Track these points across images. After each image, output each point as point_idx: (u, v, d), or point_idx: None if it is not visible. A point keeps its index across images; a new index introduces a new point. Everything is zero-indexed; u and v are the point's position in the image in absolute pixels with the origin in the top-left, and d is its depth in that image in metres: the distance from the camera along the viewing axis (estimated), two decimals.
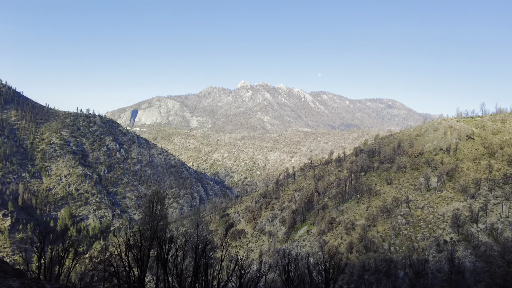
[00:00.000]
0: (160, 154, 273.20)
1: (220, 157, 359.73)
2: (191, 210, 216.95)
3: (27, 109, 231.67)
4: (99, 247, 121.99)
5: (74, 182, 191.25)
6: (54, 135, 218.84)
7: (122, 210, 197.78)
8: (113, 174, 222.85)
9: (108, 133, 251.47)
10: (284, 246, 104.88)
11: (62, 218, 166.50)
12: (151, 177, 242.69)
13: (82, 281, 38.83)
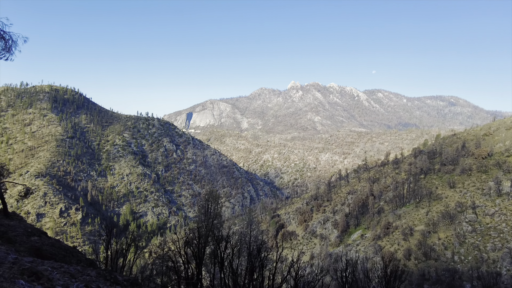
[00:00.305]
0: (213, 155, 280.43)
1: (270, 158, 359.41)
2: (242, 209, 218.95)
3: (94, 113, 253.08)
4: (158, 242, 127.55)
5: (134, 181, 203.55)
6: (117, 137, 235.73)
7: (178, 208, 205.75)
8: (170, 174, 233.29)
9: (165, 134, 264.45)
10: (336, 250, 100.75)
11: (124, 214, 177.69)
12: (204, 176, 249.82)
13: (143, 274, 39.81)
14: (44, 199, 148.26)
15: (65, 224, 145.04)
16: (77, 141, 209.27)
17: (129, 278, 11.47)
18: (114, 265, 35.76)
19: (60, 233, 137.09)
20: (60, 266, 10.35)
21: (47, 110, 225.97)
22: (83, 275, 10.00)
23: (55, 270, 9.45)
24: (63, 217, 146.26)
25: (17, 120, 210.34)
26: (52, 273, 8.89)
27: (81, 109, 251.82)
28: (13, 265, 8.30)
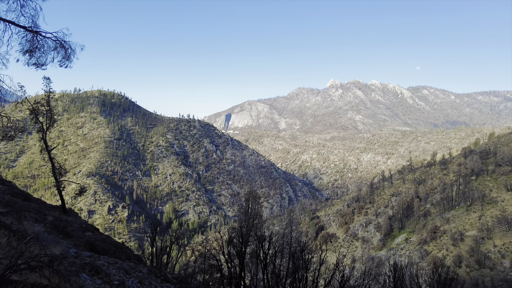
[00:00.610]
0: (251, 155, 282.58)
1: (309, 158, 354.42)
2: (281, 210, 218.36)
3: (139, 116, 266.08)
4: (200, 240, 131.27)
5: (177, 180, 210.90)
6: (161, 138, 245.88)
7: (218, 207, 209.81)
8: (210, 173, 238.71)
9: (205, 135, 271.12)
10: (379, 254, 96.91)
11: (167, 212, 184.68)
12: (243, 176, 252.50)
13: (186, 271, 40.89)
14: (94, 197, 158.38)
15: (113, 221, 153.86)
16: (123, 143, 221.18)
17: (178, 276, 11.75)
18: (159, 261, 37.18)
19: (109, 229, 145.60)
20: (114, 262, 10.82)
21: (97, 114, 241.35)
22: (136, 271, 10.39)
23: (111, 266, 9.89)
24: (111, 214, 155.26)
25: (71, 123, 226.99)
26: (109, 268, 9.30)
27: (127, 112, 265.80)
28: (75, 259, 8.79)
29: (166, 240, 39.68)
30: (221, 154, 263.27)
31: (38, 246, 6.65)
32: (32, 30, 14.49)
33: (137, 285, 8.36)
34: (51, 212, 27.80)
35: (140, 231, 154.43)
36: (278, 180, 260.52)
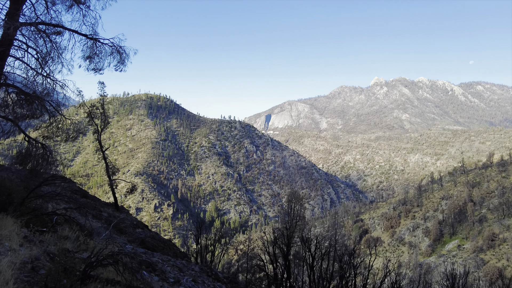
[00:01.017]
0: (291, 156, 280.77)
1: (352, 159, 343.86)
2: (322, 212, 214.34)
3: (184, 118, 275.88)
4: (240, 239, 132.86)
5: (219, 180, 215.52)
6: (204, 139, 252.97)
7: (258, 207, 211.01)
8: (251, 174, 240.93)
9: (246, 136, 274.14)
10: (428, 260, 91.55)
11: (209, 211, 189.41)
12: (283, 177, 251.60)
13: (229, 270, 41.51)
14: (142, 195, 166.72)
15: (159, 218, 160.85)
16: (169, 143, 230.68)
17: (229, 275, 11.81)
18: (204, 259, 38.02)
19: (155, 226, 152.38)
20: (168, 259, 11.10)
21: (144, 116, 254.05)
22: (189, 269, 10.60)
23: (165, 263, 10.16)
24: (157, 212, 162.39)
25: (121, 126, 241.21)
26: (163, 265, 9.55)
27: (172, 114, 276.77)
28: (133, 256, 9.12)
29: (210, 238, 40.60)
30: (261, 155, 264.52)
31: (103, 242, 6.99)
32: (92, 38, 15.47)
33: (191, 283, 8.49)
34: (105, 208, 29.57)
35: (184, 229, 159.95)
36: (319, 182, 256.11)
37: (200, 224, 40.78)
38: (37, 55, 13.00)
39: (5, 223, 5.44)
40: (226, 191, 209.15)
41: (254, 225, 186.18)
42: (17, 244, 4.79)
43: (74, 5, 15.04)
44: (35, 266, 4.02)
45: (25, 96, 14.16)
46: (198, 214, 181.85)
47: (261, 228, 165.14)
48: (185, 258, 28.96)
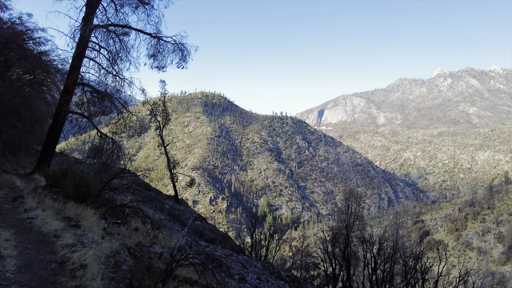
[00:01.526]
0: (346, 152, 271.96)
1: (412, 156, 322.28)
2: (379, 211, 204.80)
3: (237, 114, 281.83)
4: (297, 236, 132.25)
5: (270, 176, 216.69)
6: (256, 135, 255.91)
7: (311, 204, 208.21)
8: (303, 170, 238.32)
9: (298, 132, 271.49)
10: (501, 269, 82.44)
11: (261, 206, 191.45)
12: (337, 174, 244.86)
13: (283, 267, 41.51)
14: (198, 189, 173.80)
15: (213, 211, 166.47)
16: (223, 140, 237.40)
17: (291, 274, 11.50)
18: (258, 254, 38.27)
19: (210, 219, 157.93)
20: (230, 254, 11.08)
21: (200, 113, 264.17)
22: (251, 266, 10.47)
23: (228, 258, 10.11)
24: (212, 205, 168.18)
25: (179, 123, 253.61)
26: (227, 260, 9.50)
27: (226, 111, 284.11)
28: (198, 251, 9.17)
29: (264, 233, 40.78)
30: (314, 151, 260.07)
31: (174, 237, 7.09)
32: (155, 36, 16.07)
33: (256, 281, 8.31)
34: (166, 201, 31.08)
35: (237, 222, 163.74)
36: (376, 179, 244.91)
37: (254, 219, 41.11)
38: (108, 55, 13.86)
39: (86, 214, 5.71)
40: (278, 187, 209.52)
41: (306, 222, 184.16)
42: (99, 236, 4.97)
43: (139, 6, 15.74)
44: (117, 260, 4.08)
45: (98, 94, 15.23)
46: (250, 208, 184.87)
47: (313, 225, 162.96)
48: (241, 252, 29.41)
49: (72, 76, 13.24)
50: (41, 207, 6.32)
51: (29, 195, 7.77)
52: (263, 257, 39.06)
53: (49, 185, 8.62)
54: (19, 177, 12.45)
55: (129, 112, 15.68)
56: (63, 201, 6.71)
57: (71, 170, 8.45)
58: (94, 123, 14.53)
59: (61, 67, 20.56)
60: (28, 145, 21.31)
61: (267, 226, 43.00)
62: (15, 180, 10.88)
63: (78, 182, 7.30)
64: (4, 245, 4.38)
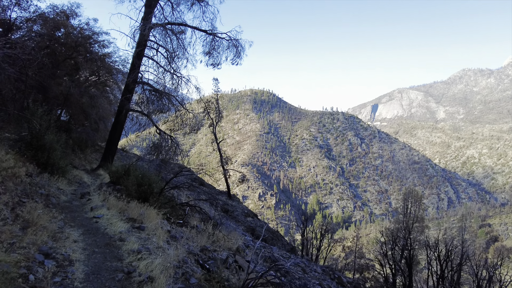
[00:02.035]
0: (402, 149, 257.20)
1: (477, 154, 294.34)
2: (438, 212, 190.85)
3: (285, 111, 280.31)
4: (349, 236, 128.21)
5: (320, 173, 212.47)
6: (305, 131, 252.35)
7: (363, 203, 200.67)
8: (355, 168, 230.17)
9: (350, 128, 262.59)
10: None
11: (311, 204, 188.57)
12: (392, 172, 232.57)
13: (335, 267, 40.29)
14: (247, 184, 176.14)
15: (262, 207, 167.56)
16: (271, 136, 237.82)
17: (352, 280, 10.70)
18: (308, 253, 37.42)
19: (259, 215, 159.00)
20: (287, 256, 10.58)
21: (249, 110, 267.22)
22: (311, 270, 9.89)
23: (286, 260, 9.60)
24: (260, 201, 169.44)
25: (229, 120, 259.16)
26: (286, 263, 8.99)
27: (274, 108, 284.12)
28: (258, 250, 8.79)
29: (315, 232, 39.76)
30: (367, 148, 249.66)
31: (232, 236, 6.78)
32: (211, 33, 16.01)
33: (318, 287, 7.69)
34: (219, 196, 31.54)
35: (286, 219, 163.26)
36: (435, 178, 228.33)
37: (305, 218, 40.24)
38: (166, 53, 14.07)
39: (149, 214, 5.58)
40: (328, 185, 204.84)
41: (358, 221, 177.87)
42: (163, 240, 4.79)
43: (195, 3, 15.76)
44: (185, 272, 3.81)
45: (156, 93, 15.61)
46: (299, 206, 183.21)
47: (365, 225, 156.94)
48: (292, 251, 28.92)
49: (133, 74, 13.65)
50: (106, 206, 6.40)
51: (94, 192, 8.04)
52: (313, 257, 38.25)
53: (112, 182, 8.87)
54: (86, 173, 13.18)
55: (186, 110, 15.87)
56: (126, 200, 6.77)
57: (133, 168, 8.61)
58: (153, 121, 14.92)
59: (122, 67, 21.66)
60: (93, 141, 22.83)
61: (317, 224, 41.94)
62: (83, 175, 11.51)
63: (140, 180, 7.36)
64: (73, 247, 4.35)
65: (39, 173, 7.74)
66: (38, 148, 8.11)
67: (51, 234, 4.42)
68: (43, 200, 6.17)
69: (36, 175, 7.33)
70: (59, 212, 5.93)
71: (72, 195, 8.00)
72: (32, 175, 7.04)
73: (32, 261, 3.20)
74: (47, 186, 7.17)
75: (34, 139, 8.12)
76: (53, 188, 7.38)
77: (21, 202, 5.10)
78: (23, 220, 4.28)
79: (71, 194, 8.07)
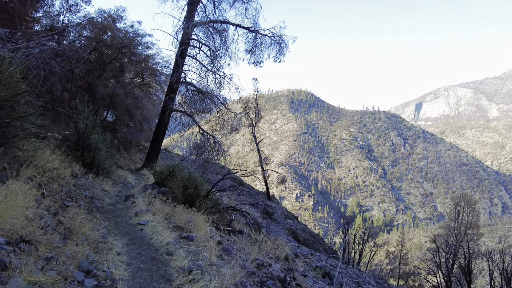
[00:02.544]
0: (448, 150, 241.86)
1: None
2: (490, 218, 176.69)
3: (323, 110, 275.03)
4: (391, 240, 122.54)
5: (360, 174, 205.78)
6: (344, 131, 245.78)
7: (406, 206, 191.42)
8: (397, 169, 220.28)
9: (392, 128, 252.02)
10: None
11: (350, 206, 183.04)
12: (437, 175, 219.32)
13: (379, 273, 38.56)
14: (284, 185, 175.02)
15: (300, 208, 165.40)
16: (309, 136, 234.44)
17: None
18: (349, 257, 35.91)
19: (296, 216, 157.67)
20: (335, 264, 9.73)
21: (286, 110, 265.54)
22: (365, 282, 8.99)
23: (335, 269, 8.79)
24: (298, 202, 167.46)
25: (266, 120, 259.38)
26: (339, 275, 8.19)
27: (312, 108, 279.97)
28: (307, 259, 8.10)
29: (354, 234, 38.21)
30: (410, 148, 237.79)
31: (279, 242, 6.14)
32: (253, 30, 15.46)
33: None
34: (258, 197, 31.08)
35: (324, 221, 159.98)
36: (486, 182, 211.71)
37: (347, 222, 38.68)
38: (208, 52, 13.78)
39: (197, 221, 5.08)
40: (369, 187, 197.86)
41: (400, 225, 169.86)
42: (216, 255, 4.24)
43: (237, 0, 15.36)
44: None
45: (199, 93, 15.40)
46: (338, 208, 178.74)
47: (408, 229, 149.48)
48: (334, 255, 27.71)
49: (176, 73, 13.49)
50: (151, 211, 6.02)
51: (139, 195, 7.78)
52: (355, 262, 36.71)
53: (157, 183, 8.62)
54: (130, 173, 13.22)
55: (228, 109, 15.50)
56: (172, 204, 6.37)
57: (178, 169, 8.28)
58: (196, 121, 14.71)
59: (165, 69, 21.95)
60: (138, 142, 23.37)
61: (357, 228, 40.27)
62: (127, 175, 11.47)
63: (186, 182, 6.95)
64: (116, 262, 3.90)
65: (84, 173, 7.63)
66: (84, 148, 8.04)
67: (93, 244, 4.03)
68: (87, 203, 5.91)
69: (81, 175, 7.20)
70: (102, 217, 5.63)
71: (117, 197, 7.81)
72: (77, 176, 6.90)
73: (71, 281, 2.77)
74: (91, 187, 6.98)
75: (81, 139, 8.06)
76: (97, 190, 7.19)
77: (64, 206, 4.81)
78: (65, 227, 3.94)
79: (115, 196, 7.87)
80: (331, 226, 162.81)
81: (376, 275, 15.20)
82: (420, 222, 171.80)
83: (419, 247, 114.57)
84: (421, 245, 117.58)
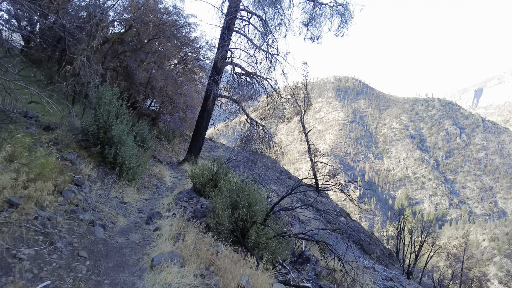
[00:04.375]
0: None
1: None
2: None
3: (372, 98, 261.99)
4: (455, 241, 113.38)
5: (411, 166, 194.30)
6: (394, 120, 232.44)
7: (461, 201, 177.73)
8: (452, 161, 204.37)
9: (447, 116, 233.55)
10: None
11: (399, 199, 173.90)
12: (499, 167, 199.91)
13: (440, 281, 34.81)
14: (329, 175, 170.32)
15: (345, 199, 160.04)
16: (356, 125, 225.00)
17: None
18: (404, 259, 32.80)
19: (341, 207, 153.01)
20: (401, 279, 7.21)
21: (332, 98, 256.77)
22: None
23: None
24: (343, 193, 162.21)
25: (311, 109, 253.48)
26: None
27: (360, 95, 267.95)
28: None
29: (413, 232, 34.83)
30: (468, 139, 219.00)
31: None
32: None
33: None
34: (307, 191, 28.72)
35: (371, 213, 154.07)
36: None
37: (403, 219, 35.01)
38: (260, 22, 11.52)
39: (257, 282, 2.95)
40: (420, 179, 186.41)
41: (454, 220, 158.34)
42: None
43: None
44: None
45: (247, 76, 13.24)
46: (386, 200, 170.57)
47: (463, 225, 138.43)
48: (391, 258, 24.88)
49: (222, 50, 11.41)
50: (178, 256, 3.61)
51: (168, 211, 5.70)
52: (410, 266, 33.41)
53: (195, 190, 6.68)
54: (170, 168, 11.59)
55: (279, 95, 13.15)
56: (214, 237, 4.15)
57: (223, 173, 6.27)
58: (243, 108, 12.60)
59: (210, 53, 20.19)
60: (181, 131, 22.05)
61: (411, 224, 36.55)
62: (164, 172, 9.74)
63: (235, 198, 4.75)
64: None
65: (104, 175, 5.84)
66: (105, 142, 6.30)
67: None
68: (79, 236, 3.68)
69: (95, 178, 5.38)
70: (92, 272, 3.57)
71: (138, 214, 5.87)
72: (88, 179, 5.06)
73: None
74: (103, 199, 5.01)
75: (101, 130, 6.28)
76: (111, 203, 5.23)
77: (19, 260, 2.68)
78: None
79: (136, 211, 5.94)
80: (378, 219, 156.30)
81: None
82: (477, 218, 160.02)
83: (476, 245, 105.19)
84: (478, 243, 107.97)
